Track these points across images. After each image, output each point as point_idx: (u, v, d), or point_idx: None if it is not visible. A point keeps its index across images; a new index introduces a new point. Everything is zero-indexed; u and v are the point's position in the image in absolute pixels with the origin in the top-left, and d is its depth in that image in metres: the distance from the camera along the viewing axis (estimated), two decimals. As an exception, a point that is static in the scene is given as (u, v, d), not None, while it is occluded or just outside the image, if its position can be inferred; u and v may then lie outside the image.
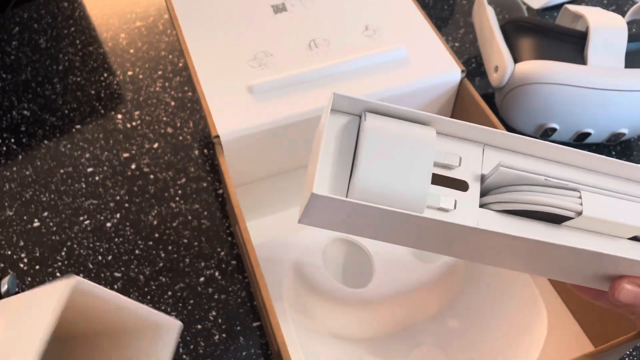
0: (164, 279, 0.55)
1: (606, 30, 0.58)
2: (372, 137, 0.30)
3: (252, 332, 0.52)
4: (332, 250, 0.51)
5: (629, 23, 0.61)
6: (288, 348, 0.37)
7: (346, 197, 0.30)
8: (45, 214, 0.60)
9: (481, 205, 0.31)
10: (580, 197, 0.30)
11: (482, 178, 0.32)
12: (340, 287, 0.48)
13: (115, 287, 0.55)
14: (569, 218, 0.30)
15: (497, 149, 0.33)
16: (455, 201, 0.31)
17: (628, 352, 0.50)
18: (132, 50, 0.75)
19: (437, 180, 0.31)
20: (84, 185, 0.62)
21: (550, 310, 0.48)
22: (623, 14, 0.63)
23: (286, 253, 0.50)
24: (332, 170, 0.31)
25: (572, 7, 0.63)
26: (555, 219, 0.31)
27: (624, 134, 0.60)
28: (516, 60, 0.59)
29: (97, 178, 0.63)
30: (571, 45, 0.59)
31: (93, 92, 0.71)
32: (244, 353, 0.51)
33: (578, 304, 0.48)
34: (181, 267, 0.56)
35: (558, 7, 0.75)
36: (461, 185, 0.31)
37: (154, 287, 0.54)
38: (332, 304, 0.48)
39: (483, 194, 0.32)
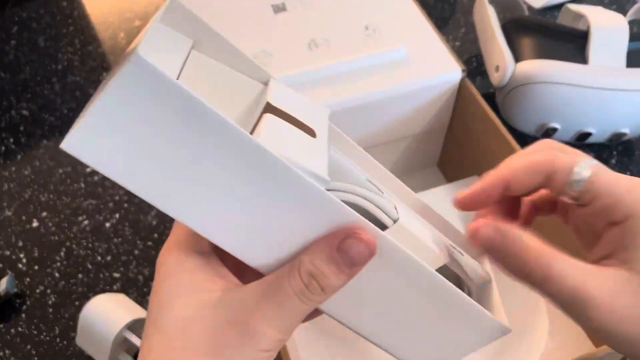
0: (163, 280, 0.55)
1: (607, 29, 0.57)
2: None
3: (251, 332, 0.52)
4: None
5: (631, 22, 0.60)
6: (288, 348, 0.37)
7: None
8: (44, 214, 0.60)
9: None
10: (395, 208, 0.28)
11: None
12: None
13: (114, 287, 0.54)
14: (383, 227, 0.27)
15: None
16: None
17: (629, 353, 0.50)
18: (131, 50, 0.74)
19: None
20: (83, 185, 0.62)
21: (550, 310, 0.48)
22: (624, 13, 0.63)
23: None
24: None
25: (573, 7, 0.63)
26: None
27: (625, 134, 0.60)
28: (517, 59, 0.59)
29: (96, 178, 0.62)
30: (572, 44, 0.59)
31: (92, 91, 0.71)
32: (243, 354, 0.50)
33: (579, 305, 0.48)
34: (181, 267, 0.55)
35: (559, 6, 0.75)
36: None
37: (153, 288, 0.54)
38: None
39: None
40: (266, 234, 0.25)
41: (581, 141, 0.61)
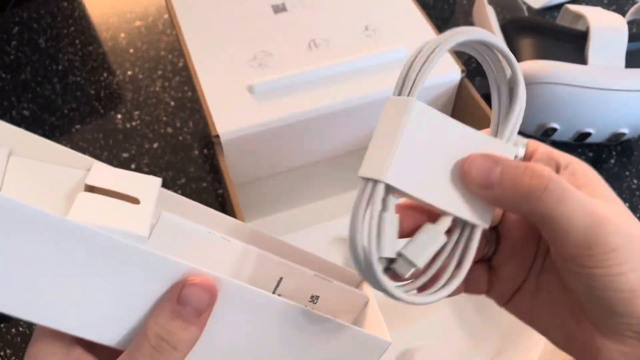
0: (163, 279, 0.55)
1: (607, 30, 0.58)
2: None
3: (252, 332, 0.52)
4: (332, 250, 0.51)
5: (630, 23, 0.61)
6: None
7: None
8: (45, 214, 0.60)
9: None
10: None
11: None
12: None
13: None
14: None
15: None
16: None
17: (628, 353, 0.50)
18: (131, 50, 0.75)
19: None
20: (83, 185, 0.62)
21: (550, 310, 0.48)
22: (623, 14, 0.63)
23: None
24: None
25: (573, 7, 0.63)
26: None
27: (624, 134, 0.60)
28: (516, 60, 0.59)
29: (96, 178, 0.63)
30: (572, 45, 0.59)
31: (93, 92, 0.71)
32: (243, 353, 0.51)
33: (578, 304, 0.48)
34: (181, 267, 0.55)
35: (558, 6, 0.75)
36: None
37: (153, 287, 0.54)
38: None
39: None
40: (108, 309, 0.24)
41: (580, 141, 0.61)
